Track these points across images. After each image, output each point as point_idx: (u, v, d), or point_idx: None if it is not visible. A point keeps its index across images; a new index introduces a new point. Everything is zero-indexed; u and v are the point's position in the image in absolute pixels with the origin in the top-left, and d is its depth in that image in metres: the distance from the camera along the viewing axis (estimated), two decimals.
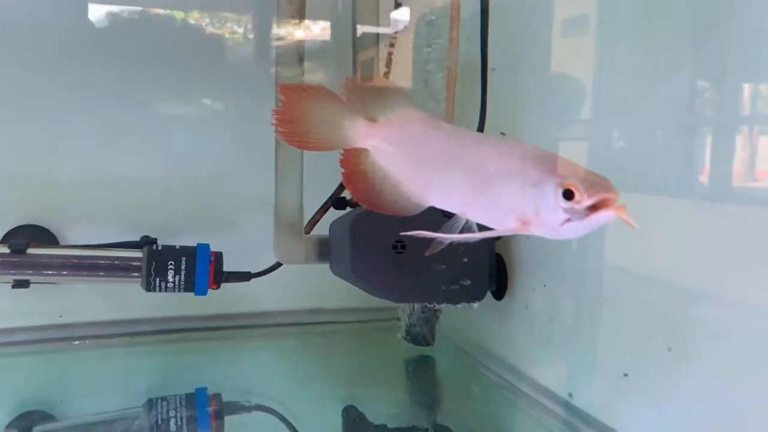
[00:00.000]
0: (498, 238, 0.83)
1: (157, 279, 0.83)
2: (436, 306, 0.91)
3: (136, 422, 0.74)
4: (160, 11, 1.01)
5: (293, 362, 0.99)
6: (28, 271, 0.82)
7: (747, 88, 0.53)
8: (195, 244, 0.86)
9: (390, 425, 0.76)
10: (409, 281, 0.76)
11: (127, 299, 0.97)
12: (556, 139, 0.75)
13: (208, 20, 1.05)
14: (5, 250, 0.82)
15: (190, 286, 0.84)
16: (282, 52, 0.82)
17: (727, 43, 0.54)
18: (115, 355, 0.98)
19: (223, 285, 0.86)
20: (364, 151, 0.49)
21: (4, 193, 0.94)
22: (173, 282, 0.83)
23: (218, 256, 0.86)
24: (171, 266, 0.83)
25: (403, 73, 0.95)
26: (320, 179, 0.88)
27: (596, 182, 0.40)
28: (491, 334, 0.90)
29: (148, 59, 1.00)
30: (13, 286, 0.85)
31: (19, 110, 0.95)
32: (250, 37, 1.06)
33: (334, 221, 0.85)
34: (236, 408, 0.81)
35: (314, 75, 1.07)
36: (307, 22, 1.05)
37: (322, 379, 0.91)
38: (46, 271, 0.83)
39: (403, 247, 0.76)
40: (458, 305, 0.79)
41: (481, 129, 0.81)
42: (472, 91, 0.83)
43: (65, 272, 0.83)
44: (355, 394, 0.85)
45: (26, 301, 0.91)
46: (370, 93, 0.50)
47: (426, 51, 0.94)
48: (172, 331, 1.01)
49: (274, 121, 0.49)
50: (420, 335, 0.93)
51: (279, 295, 1.03)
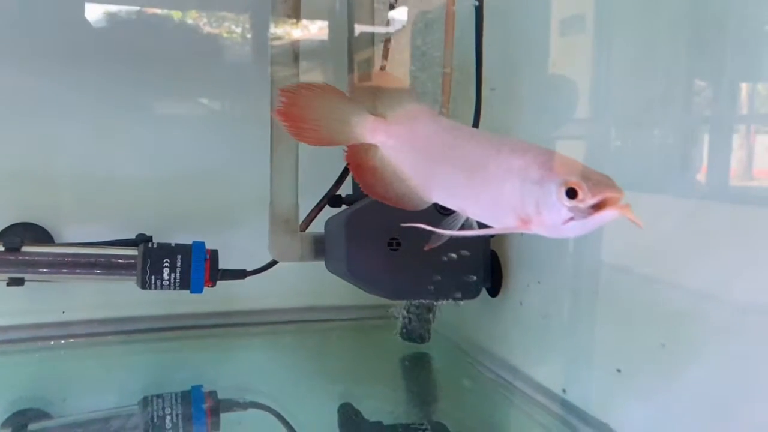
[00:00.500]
0: (493, 236, 0.83)
1: (153, 277, 0.83)
2: (433, 303, 0.91)
3: (132, 420, 0.74)
4: (157, 11, 1.01)
5: (289, 360, 0.99)
6: (23, 269, 0.82)
7: (744, 87, 0.53)
8: (190, 242, 0.86)
9: (385, 422, 0.76)
10: (404, 278, 0.76)
11: (123, 297, 0.96)
12: (553, 138, 0.75)
13: (204, 20, 1.05)
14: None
15: (185, 284, 0.84)
16: (277, 51, 0.82)
17: (725, 41, 0.54)
18: (111, 352, 0.98)
19: (219, 283, 0.87)
20: (372, 146, 0.50)
21: None
22: (169, 280, 0.83)
23: (214, 254, 0.86)
24: (166, 264, 0.83)
25: (399, 72, 0.95)
26: (316, 177, 0.88)
27: (600, 181, 0.40)
28: (486, 331, 0.91)
29: (144, 58, 1.00)
30: (8, 284, 0.85)
31: (15, 109, 0.95)
32: (247, 36, 1.06)
33: (329, 219, 0.85)
34: (232, 406, 0.81)
35: (312, 74, 1.08)
36: (304, 22, 1.05)
37: (317, 376, 0.91)
38: (41, 269, 0.83)
39: (398, 245, 0.76)
40: (453, 302, 0.79)
41: (476, 125, 0.82)
42: (467, 90, 0.84)
43: (60, 270, 0.83)
44: (351, 392, 0.85)
45: (21, 299, 0.91)
46: (378, 89, 0.51)
47: (422, 50, 0.94)
48: (168, 329, 1.01)
49: (280, 118, 0.50)
50: (415, 332, 0.94)
51: (275, 293, 1.03)
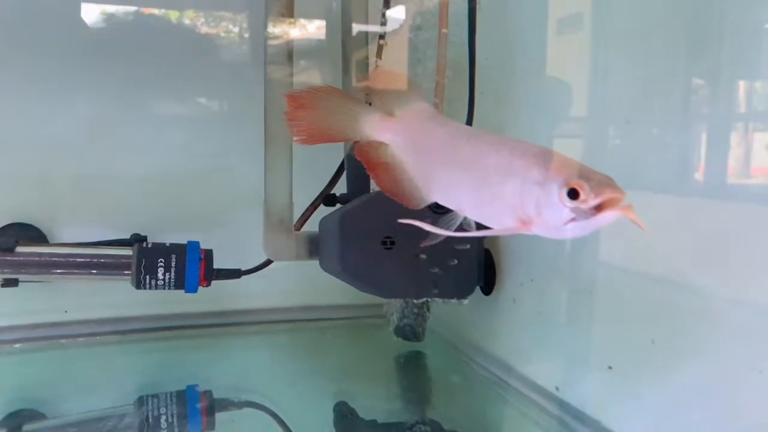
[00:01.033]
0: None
1: (147, 276, 0.83)
2: (426, 301, 0.91)
3: (127, 420, 0.74)
4: (152, 11, 1.01)
5: (284, 359, 0.99)
6: (17, 270, 0.82)
7: (742, 85, 0.53)
8: (185, 242, 0.86)
9: (381, 420, 0.77)
10: (398, 277, 0.76)
11: (118, 297, 0.96)
12: (549, 137, 0.75)
13: (199, 20, 1.05)
14: None
15: (180, 284, 0.84)
16: (271, 51, 0.82)
17: (722, 39, 0.54)
18: (106, 352, 0.98)
19: (214, 282, 0.87)
20: (382, 144, 0.50)
21: None
22: (163, 279, 0.83)
23: (208, 254, 0.86)
24: (161, 264, 0.83)
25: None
26: (310, 176, 0.88)
27: (602, 181, 0.39)
28: (480, 329, 0.91)
29: (138, 58, 1.00)
30: (2, 285, 0.85)
31: (9, 108, 0.95)
32: (242, 35, 1.06)
33: (323, 218, 0.86)
34: (227, 405, 0.81)
35: (310, 73, 1.08)
36: (302, 21, 1.05)
37: (313, 375, 0.91)
38: (36, 270, 0.83)
39: (392, 243, 0.76)
40: (446, 301, 0.80)
41: (469, 124, 0.82)
42: (464, 88, 0.84)
43: (54, 270, 0.83)
44: (346, 390, 0.85)
45: (16, 300, 0.91)
46: (386, 87, 0.51)
47: (418, 48, 0.94)
48: (163, 328, 1.01)
49: (289, 125, 0.51)
50: (410, 331, 0.94)
51: (270, 293, 1.03)
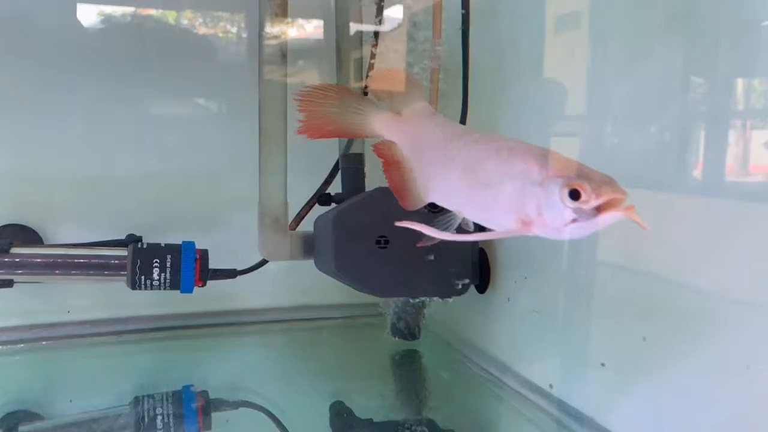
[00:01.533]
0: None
1: (143, 277, 0.83)
2: (422, 300, 0.92)
3: (124, 420, 0.74)
4: (148, 11, 1.01)
5: (280, 358, 0.99)
6: (12, 271, 0.82)
7: (740, 83, 0.53)
8: (180, 242, 0.86)
9: (377, 419, 0.77)
10: (393, 276, 0.76)
11: (113, 298, 0.97)
12: (545, 135, 0.75)
13: (195, 20, 1.05)
14: None
15: (175, 284, 0.84)
16: (264, 50, 0.82)
17: (720, 37, 0.54)
18: (102, 353, 0.98)
19: (209, 282, 0.87)
20: (393, 143, 0.50)
21: None
22: (158, 280, 0.83)
23: (203, 254, 0.86)
24: (156, 264, 0.83)
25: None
26: (305, 176, 0.88)
27: (603, 182, 0.39)
28: (475, 327, 0.91)
29: (135, 58, 1.00)
30: None
31: (5, 109, 0.95)
32: (237, 36, 1.06)
33: (318, 217, 0.86)
34: (223, 405, 0.81)
35: (308, 73, 1.08)
36: (300, 21, 1.05)
37: (309, 374, 0.91)
38: (31, 271, 0.83)
39: (386, 242, 0.76)
40: (441, 299, 0.80)
41: (462, 123, 0.82)
42: (457, 86, 0.84)
43: (50, 271, 0.83)
44: (342, 389, 0.85)
45: (11, 301, 0.91)
46: (393, 87, 0.51)
47: (414, 48, 0.94)
48: (158, 329, 1.01)
49: (301, 129, 0.51)
50: (405, 330, 0.94)
51: (265, 292, 1.03)
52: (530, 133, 0.77)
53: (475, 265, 0.80)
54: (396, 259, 0.76)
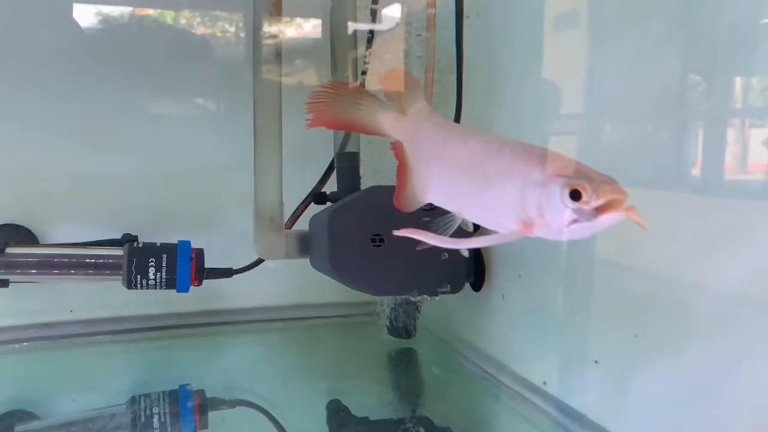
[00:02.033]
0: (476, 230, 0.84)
1: (138, 276, 0.83)
2: (417, 298, 0.92)
3: (120, 419, 0.74)
4: (144, 11, 1.01)
5: (276, 357, 0.99)
6: (8, 271, 0.82)
7: (738, 81, 0.53)
8: (176, 241, 0.86)
9: (373, 417, 0.77)
10: (388, 274, 0.77)
11: (109, 297, 0.97)
12: (545, 134, 0.75)
13: (190, 20, 1.05)
14: None
15: (171, 283, 0.84)
16: (259, 49, 0.82)
17: (717, 35, 0.54)
18: (98, 352, 0.98)
19: (206, 281, 0.87)
20: (401, 142, 0.51)
21: None
22: (154, 279, 0.83)
23: (199, 253, 0.86)
24: (152, 263, 0.83)
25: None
26: (301, 174, 0.88)
27: (604, 182, 0.39)
28: (470, 325, 0.92)
29: (129, 58, 1.00)
30: None
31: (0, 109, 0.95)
32: (233, 36, 1.06)
33: (313, 216, 0.86)
34: (220, 404, 0.81)
35: (306, 72, 1.08)
36: (299, 20, 1.05)
37: (305, 373, 0.91)
38: (26, 271, 0.83)
39: (381, 241, 0.76)
40: (437, 297, 0.80)
41: (457, 122, 0.82)
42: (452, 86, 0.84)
43: (45, 271, 0.83)
44: (339, 388, 0.85)
45: (7, 300, 0.91)
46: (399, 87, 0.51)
47: (411, 48, 0.94)
48: (154, 328, 1.01)
49: (312, 121, 0.51)
50: (401, 328, 0.94)
51: (261, 291, 1.03)
52: (526, 132, 0.77)
53: (470, 262, 0.81)
54: (391, 257, 0.76)
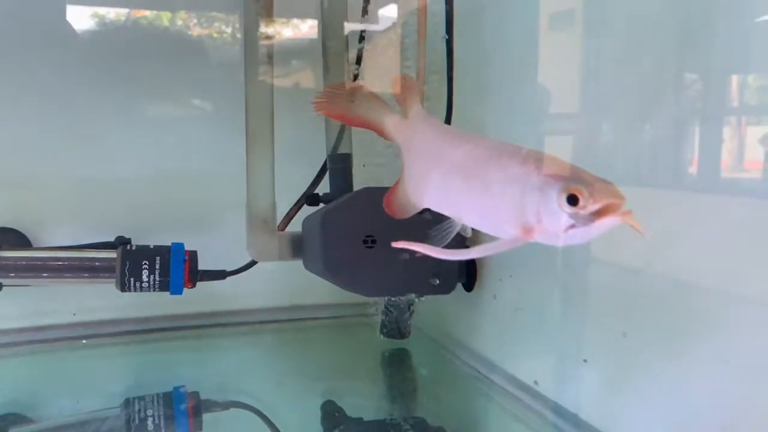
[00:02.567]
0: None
1: (132, 279, 0.83)
2: (409, 299, 0.92)
3: (114, 421, 0.74)
4: (138, 12, 1.01)
5: (270, 359, 1.00)
6: (1, 274, 0.82)
7: (734, 80, 0.53)
8: (169, 244, 0.86)
9: (368, 418, 0.77)
10: (380, 275, 0.77)
11: (103, 300, 0.97)
12: (541, 134, 0.75)
13: (184, 22, 1.05)
14: None
15: (165, 286, 0.84)
16: (250, 51, 0.82)
17: (715, 34, 0.54)
18: (92, 355, 0.98)
19: (199, 284, 0.87)
20: None
21: None
22: (148, 282, 0.83)
23: (193, 255, 0.86)
24: (145, 266, 0.83)
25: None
26: (293, 176, 0.89)
27: (602, 187, 0.39)
28: (462, 325, 0.92)
29: (123, 60, 1.00)
30: None
31: None
32: (229, 37, 1.06)
33: (306, 217, 0.86)
34: (214, 405, 0.81)
35: (303, 73, 1.08)
36: (294, 21, 1.05)
37: (299, 374, 0.91)
38: (20, 274, 0.83)
39: (374, 242, 0.77)
40: (430, 297, 0.80)
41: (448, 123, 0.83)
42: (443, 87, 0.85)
43: (39, 274, 0.83)
44: (333, 389, 0.85)
45: (3, 303, 0.91)
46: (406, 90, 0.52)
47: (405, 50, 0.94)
48: (148, 331, 1.01)
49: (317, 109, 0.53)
50: (395, 329, 0.95)
51: (255, 293, 1.03)
52: (518, 133, 0.78)
53: (461, 262, 0.81)
54: (383, 258, 0.76)
